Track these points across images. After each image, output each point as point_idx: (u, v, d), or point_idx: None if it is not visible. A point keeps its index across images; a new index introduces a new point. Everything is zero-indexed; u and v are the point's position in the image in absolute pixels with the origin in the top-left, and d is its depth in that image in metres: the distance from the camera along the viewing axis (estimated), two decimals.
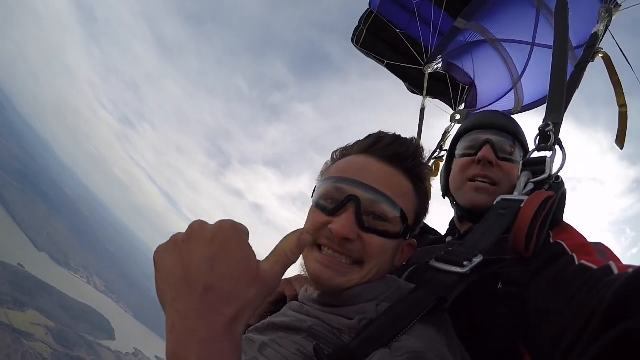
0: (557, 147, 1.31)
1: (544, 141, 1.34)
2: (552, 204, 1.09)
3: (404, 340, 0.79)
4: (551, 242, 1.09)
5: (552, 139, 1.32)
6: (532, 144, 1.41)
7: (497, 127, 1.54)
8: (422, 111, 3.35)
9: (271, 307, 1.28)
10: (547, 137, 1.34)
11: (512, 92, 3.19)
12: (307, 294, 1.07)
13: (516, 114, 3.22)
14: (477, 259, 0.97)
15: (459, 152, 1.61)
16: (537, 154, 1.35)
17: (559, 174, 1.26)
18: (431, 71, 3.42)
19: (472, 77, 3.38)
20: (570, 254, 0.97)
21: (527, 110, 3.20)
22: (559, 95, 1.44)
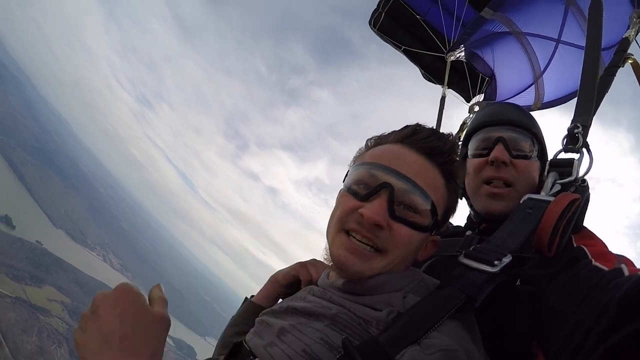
0: (584, 150, 1.30)
1: (572, 142, 1.33)
2: (578, 206, 1.10)
3: (434, 337, 0.78)
4: (574, 245, 1.09)
5: (581, 141, 1.31)
6: (550, 143, 1.38)
7: (508, 122, 1.49)
8: (443, 100, 3.26)
9: (284, 290, 1.28)
10: (575, 139, 1.33)
11: (532, 87, 3.13)
12: (329, 280, 1.06)
13: (535, 111, 3.17)
14: (506, 259, 0.97)
15: (471, 152, 1.57)
16: (563, 155, 1.34)
17: (584, 177, 1.26)
18: (453, 59, 3.36)
19: (492, 68, 3.30)
20: (590, 258, 0.97)
21: (546, 107, 3.14)
22: (590, 97, 1.41)
